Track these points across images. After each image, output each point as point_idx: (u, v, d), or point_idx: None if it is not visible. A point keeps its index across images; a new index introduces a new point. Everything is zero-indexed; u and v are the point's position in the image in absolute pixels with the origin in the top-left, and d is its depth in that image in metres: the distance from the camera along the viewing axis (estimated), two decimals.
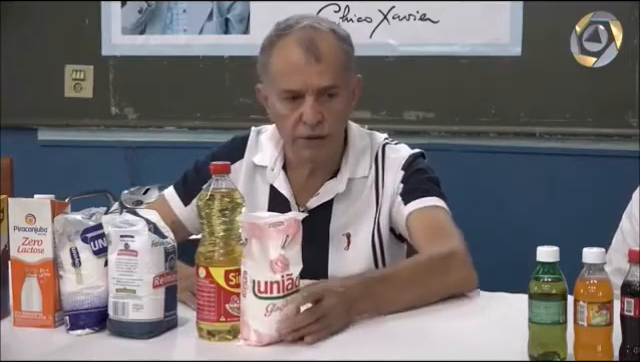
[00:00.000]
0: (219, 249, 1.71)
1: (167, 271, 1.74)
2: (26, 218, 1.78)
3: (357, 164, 2.19)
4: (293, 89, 2.08)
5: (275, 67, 2.12)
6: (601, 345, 1.55)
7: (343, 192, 2.18)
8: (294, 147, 2.15)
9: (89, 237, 1.76)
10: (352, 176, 2.19)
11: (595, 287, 1.55)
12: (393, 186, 2.18)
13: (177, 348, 1.73)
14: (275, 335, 1.67)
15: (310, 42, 2.07)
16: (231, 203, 1.73)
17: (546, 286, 1.56)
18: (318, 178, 2.20)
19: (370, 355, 1.64)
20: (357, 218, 2.18)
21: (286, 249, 1.67)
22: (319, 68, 2.06)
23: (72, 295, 1.76)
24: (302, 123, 2.08)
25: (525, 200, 3.31)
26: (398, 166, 2.19)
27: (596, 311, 1.54)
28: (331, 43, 2.10)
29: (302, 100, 2.07)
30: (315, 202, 2.19)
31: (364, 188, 2.19)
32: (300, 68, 2.07)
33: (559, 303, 1.56)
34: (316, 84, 2.06)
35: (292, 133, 2.11)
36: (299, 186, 2.21)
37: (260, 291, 1.66)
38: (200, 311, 1.73)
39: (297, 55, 2.07)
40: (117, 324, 1.73)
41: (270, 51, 2.13)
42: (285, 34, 2.11)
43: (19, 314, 1.80)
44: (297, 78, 2.07)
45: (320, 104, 2.07)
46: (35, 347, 1.70)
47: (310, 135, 2.09)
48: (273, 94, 2.14)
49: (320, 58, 2.07)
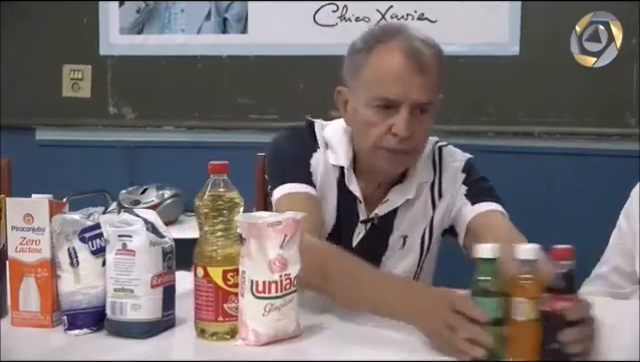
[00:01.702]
0: (217, 249, 1.71)
1: (165, 271, 1.74)
2: (24, 218, 1.77)
3: (423, 169, 2.18)
4: (390, 98, 2.00)
5: (371, 72, 2.04)
6: (534, 339, 1.57)
7: (412, 198, 2.17)
8: (375, 156, 2.08)
9: (87, 237, 1.76)
10: (420, 181, 2.18)
11: (530, 282, 1.57)
12: (453, 189, 2.18)
13: (175, 348, 1.73)
14: (273, 334, 1.67)
15: (417, 53, 2.00)
16: (229, 203, 1.73)
17: (487, 283, 1.58)
18: (384, 185, 2.17)
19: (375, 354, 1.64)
20: (414, 220, 2.19)
21: (284, 249, 1.68)
22: (422, 81, 2.00)
23: (70, 295, 1.75)
24: (391, 134, 2.02)
25: (524, 200, 3.31)
26: (457, 169, 2.20)
27: (532, 306, 1.55)
28: (434, 58, 2.04)
29: (394, 111, 2.01)
30: (385, 209, 2.16)
31: (424, 191, 2.19)
32: (402, 77, 2.00)
33: (499, 299, 1.57)
34: (415, 97, 2.00)
35: (377, 142, 2.04)
36: (367, 193, 2.17)
37: (258, 291, 1.66)
38: (198, 311, 1.72)
39: (400, 62, 2.00)
40: (115, 324, 1.73)
41: (367, 54, 2.05)
42: (388, 40, 2.03)
43: (17, 314, 1.79)
44: (397, 87, 2.00)
45: (413, 119, 2.01)
46: (33, 347, 1.70)
47: (397, 149, 2.04)
48: (361, 99, 2.06)
49: (425, 71, 2.00)
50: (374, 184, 2.17)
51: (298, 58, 3.37)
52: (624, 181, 2.47)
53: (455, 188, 2.18)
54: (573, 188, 3.33)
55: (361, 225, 2.16)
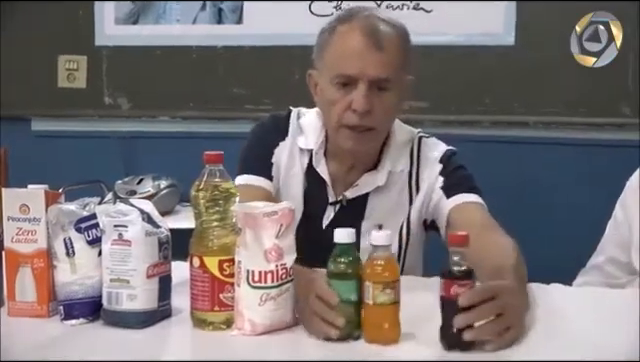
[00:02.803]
0: (213, 239, 1.72)
1: (161, 261, 1.74)
2: (20, 208, 1.77)
3: (398, 158, 2.20)
4: (348, 74, 2.06)
5: (332, 51, 2.10)
6: (388, 323, 1.61)
7: (383, 185, 2.18)
8: (338, 136, 2.13)
9: (83, 227, 1.76)
10: (392, 170, 2.19)
11: (381, 267, 1.60)
12: (430, 179, 2.19)
13: (171, 338, 1.73)
14: (268, 324, 1.67)
15: (373, 30, 2.06)
16: (225, 193, 1.73)
17: (342, 266, 1.61)
18: (357, 170, 2.20)
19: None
20: (390, 210, 2.19)
21: (280, 239, 1.68)
22: (378, 57, 2.05)
23: (66, 285, 1.75)
24: (351, 110, 2.06)
25: (518, 189, 3.32)
26: (435, 160, 2.21)
27: (381, 290, 1.59)
28: (394, 37, 2.09)
29: (354, 88, 2.05)
30: (354, 193, 2.19)
31: (400, 181, 2.20)
32: (359, 54, 2.05)
33: (353, 282, 1.61)
34: (372, 73, 2.04)
35: (339, 120, 2.09)
36: (337, 176, 2.21)
37: (254, 281, 1.66)
38: (194, 301, 1.73)
39: (358, 40, 2.05)
40: (111, 314, 1.73)
41: (330, 36, 2.12)
42: (348, 20, 2.10)
43: (13, 304, 1.80)
44: (354, 63, 2.05)
45: (372, 95, 2.05)
46: (29, 337, 1.70)
47: (357, 124, 2.07)
48: (326, 79, 2.12)
49: (381, 48, 2.05)
50: (345, 167, 2.20)
51: (293, 48, 3.37)
52: (620, 171, 2.47)
53: (432, 179, 2.19)
54: (568, 178, 3.33)
55: (330, 207, 2.19)
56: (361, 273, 1.61)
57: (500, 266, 1.82)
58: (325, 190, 2.19)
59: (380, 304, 1.60)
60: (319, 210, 2.18)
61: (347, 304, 1.61)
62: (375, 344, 1.61)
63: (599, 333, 1.73)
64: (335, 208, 2.19)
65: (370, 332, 1.63)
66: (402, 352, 1.60)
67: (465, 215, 2.10)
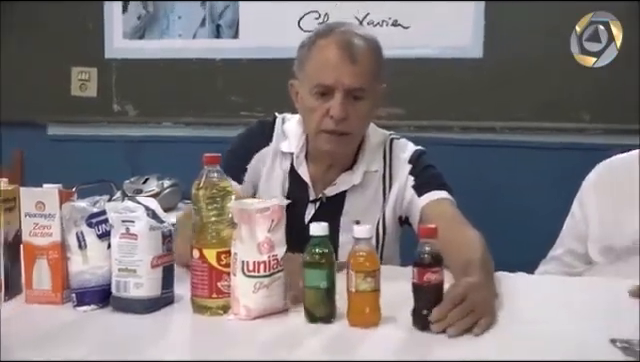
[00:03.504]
0: (211, 233, 1.72)
1: (164, 252, 1.75)
2: (36, 205, 1.77)
3: (372, 160, 2.20)
4: (325, 84, 2.07)
5: (312, 63, 2.11)
6: (369, 308, 1.62)
7: (358, 184, 2.18)
8: (317, 140, 2.14)
9: (94, 222, 1.76)
10: (367, 170, 2.19)
11: (363, 258, 1.61)
12: (401, 179, 2.19)
13: (174, 322, 1.73)
14: (262, 309, 1.67)
15: (348, 44, 2.07)
16: (222, 191, 1.73)
17: (316, 256, 1.63)
18: (335, 170, 2.20)
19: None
20: (367, 207, 2.19)
21: (272, 232, 1.68)
22: (352, 69, 2.06)
23: (78, 274, 1.75)
24: (328, 117, 2.07)
25: (486, 187, 3.33)
26: (405, 160, 2.21)
27: (363, 279, 1.60)
28: (366, 50, 2.09)
29: (331, 96, 2.07)
30: (332, 191, 2.19)
31: (374, 180, 2.20)
32: (335, 66, 2.06)
33: (325, 271, 1.62)
34: (348, 83, 2.05)
35: (318, 126, 2.10)
36: (317, 176, 2.21)
37: (249, 270, 1.66)
38: (194, 288, 1.73)
39: (334, 54, 2.06)
40: (119, 301, 1.73)
41: (309, 48, 2.12)
42: (326, 35, 2.11)
43: (31, 292, 1.80)
44: (330, 74, 2.06)
45: (347, 103, 2.06)
46: (45, 322, 1.70)
47: (334, 130, 2.08)
48: (306, 88, 2.12)
49: (355, 60, 2.06)
50: (323, 168, 2.20)
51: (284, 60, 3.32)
52: (577, 172, 2.48)
53: (402, 178, 2.19)
54: (530, 178, 3.34)
55: (311, 205, 2.19)
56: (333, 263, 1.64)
57: (468, 260, 1.82)
58: (306, 189, 2.19)
59: (362, 291, 1.61)
60: (301, 208, 2.18)
61: (318, 290, 1.63)
62: (358, 327, 1.62)
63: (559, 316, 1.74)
64: (316, 205, 2.19)
65: (353, 316, 1.63)
66: (382, 334, 1.60)
67: (436, 211, 2.10)
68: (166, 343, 1.64)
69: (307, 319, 1.66)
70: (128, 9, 3.70)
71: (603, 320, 1.70)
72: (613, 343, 1.52)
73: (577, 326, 1.67)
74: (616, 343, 1.52)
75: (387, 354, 1.52)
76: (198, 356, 1.56)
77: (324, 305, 1.65)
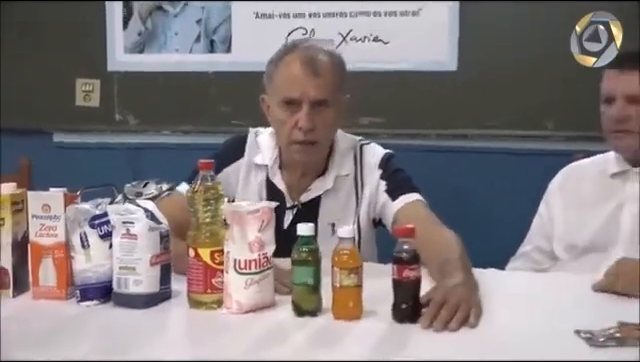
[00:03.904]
0: (206, 233, 1.71)
1: (162, 251, 1.74)
2: (42, 208, 1.77)
3: (342, 164, 2.19)
4: (292, 97, 2.06)
5: (279, 78, 2.10)
6: (352, 302, 1.62)
7: (331, 188, 2.17)
8: (289, 150, 2.13)
9: (96, 223, 1.75)
10: (338, 174, 2.18)
11: (346, 256, 1.61)
12: (371, 183, 2.18)
13: (171, 316, 1.72)
14: (253, 304, 1.67)
15: (311, 60, 2.07)
16: (215, 195, 1.73)
17: (303, 254, 1.63)
18: (308, 177, 2.19)
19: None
20: (341, 210, 2.18)
21: (262, 232, 1.68)
22: (316, 82, 2.05)
23: (82, 272, 1.75)
24: (297, 129, 2.07)
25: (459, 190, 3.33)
26: (375, 165, 2.20)
27: (346, 275, 1.60)
28: (328, 64, 2.09)
29: (299, 109, 2.06)
30: (307, 197, 2.18)
31: (346, 184, 2.19)
32: (300, 80, 2.06)
33: (312, 268, 1.62)
34: (312, 95, 2.05)
35: (288, 137, 2.10)
36: (292, 184, 2.19)
37: (240, 268, 1.66)
38: (190, 285, 1.73)
39: (298, 69, 2.06)
40: (120, 296, 1.73)
41: (277, 65, 2.12)
42: (290, 52, 2.11)
43: (37, 288, 1.79)
44: (297, 88, 2.06)
45: (314, 114, 2.06)
46: (51, 316, 1.69)
47: (303, 140, 2.08)
48: (275, 102, 2.12)
49: (318, 74, 2.06)
50: (297, 176, 2.19)
51: None
52: (544, 176, 2.49)
53: (373, 183, 2.18)
54: (501, 181, 3.34)
55: (288, 211, 2.17)
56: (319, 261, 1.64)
57: (447, 259, 1.82)
58: (282, 197, 2.16)
59: (346, 286, 1.61)
60: (279, 215, 2.14)
61: (305, 286, 1.64)
62: (342, 320, 1.62)
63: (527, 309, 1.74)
64: (293, 211, 2.18)
65: (338, 310, 1.63)
66: (364, 326, 1.60)
67: (411, 213, 2.09)
68: (164, 336, 1.64)
69: (295, 313, 1.66)
70: (129, 26, 3.69)
71: (568, 313, 1.70)
72: (577, 334, 1.52)
73: (544, 318, 1.67)
74: (580, 334, 1.52)
75: (369, 345, 1.51)
76: (194, 348, 1.56)
77: (311, 300, 1.65)
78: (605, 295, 1.82)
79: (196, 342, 1.59)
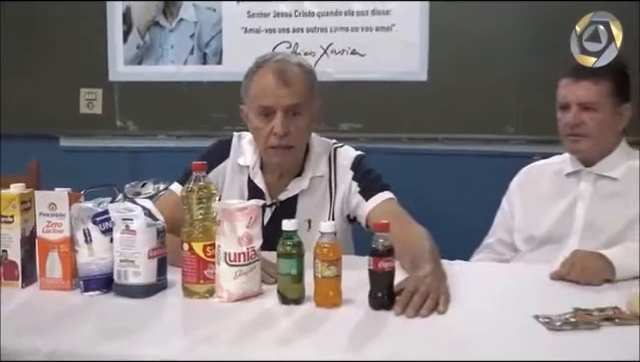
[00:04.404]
0: (199, 228, 1.71)
1: (159, 245, 1.73)
2: (49, 206, 1.76)
3: (317, 165, 2.18)
4: (266, 105, 2.05)
5: (254, 89, 2.09)
6: (332, 291, 1.62)
7: (306, 188, 2.16)
8: (266, 155, 2.12)
9: (98, 220, 1.74)
10: (313, 175, 2.17)
11: (327, 249, 1.61)
12: (344, 184, 2.16)
13: (167, 305, 1.71)
14: (241, 293, 1.66)
15: (281, 71, 2.06)
16: (207, 193, 1.72)
17: (288, 247, 1.63)
18: (286, 178, 2.17)
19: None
20: (316, 208, 2.16)
21: (250, 228, 1.68)
22: (286, 91, 2.05)
23: (85, 265, 1.74)
24: (273, 134, 2.06)
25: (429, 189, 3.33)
26: (347, 167, 2.18)
27: (327, 266, 1.60)
28: (297, 73, 2.08)
29: (273, 116, 2.05)
30: (285, 196, 2.16)
31: (321, 184, 2.18)
32: (272, 90, 2.05)
33: (295, 260, 1.62)
34: (284, 103, 2.04)
35: (265, 143, 2.08)
36: (271, 184, 2.18)
37: (230, 260, 1.66)
38: (184, 276, 1.72)
39: (270, 80, 2.05)
40: (120, 287, 1.72)
41: (251, 77, 2.11)
42: (263, 65, 2.10)
43: (44, 280, 1.78)
44: (270, 98, 2.05)
45: (287, 120, 2.05)
46: (57, 305, 1.68)
47: (278, 145, 2.07)
48: (252, 111, 2.10)
49: (288, 83, 2.05)
50: (276, 176, 2.17)
51: None
52: (506, 175, 2.50)
53: (346, 183, 2.16)
54: (467, 180, 3.34)
55: (268, 209, 2.15)
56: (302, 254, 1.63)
57: (417, 252, 1.83)
58: (263, 196, 2.15)
59: (326, 277, 1.61)
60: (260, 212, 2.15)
61: (289, 276, 1.63)
62: (323, 307, 1.62)
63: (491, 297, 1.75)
64: (272, 209, 2.16)
65: (319, 299, 1.63)
66: (343, 313, 1.60)
67: (383, 212, 2.06)
68: (161, 322, 1.63)
69: (280, 301, 1.66)
70: (128, 40, 3.67)
71: (527, 299, 1.71)
72: (536, 319, 1.53)
73: (506, 305, 1.68)
74: (539, 319, 1.53)
75: (348, 330, 1.51)
76: (188, 333, 1.55)
77: (294, 289, 1.65)
78: (561, 283, 1.82)
79: (190, 328, 1.59)
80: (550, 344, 1.43)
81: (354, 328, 1.52)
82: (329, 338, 1.48)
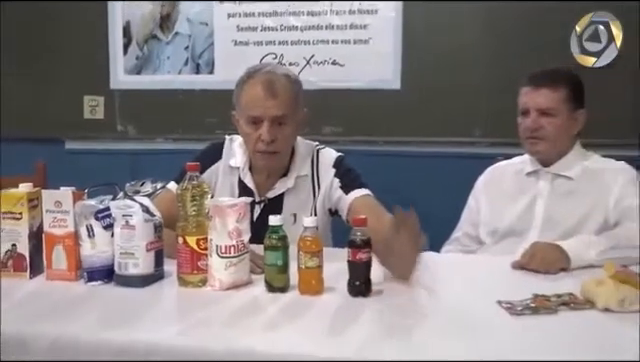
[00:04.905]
0: (192, 223, 1.70)
1: (156, 239, 1.73)
2: (55, 204, 1.74)
3: (301, 166, 2.17)
4: (255, 116, 2.04)
5: (244, 99, 2.07)
6: (314, 280, 1.62)
7: (292, 187, 2.16)
8: (254, 158, 2.12)
9: (100, 216, 1.73)
10: (298, 175, 2.16)
11: (309, 242, 1.61)
12: (326, 180, 2.16)
13: (164, 293, 1.70)
14: (232, 282, 1.66)
15: (269, 83, 2.04)
16: (200, 191, 1.71)
17: (273, 241, 1.63)
18: (273, 177, 2.16)
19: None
20: (300, 205, 2.15)
21: (239, 223, 1.67)
22: (274, 102, 2.03)
23: (88, 257, 1.73)
24: (260, 141, 2.04)
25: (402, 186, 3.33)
26: (329, 165, 2.17)
27: (309, 258, 1.60)
28: (284, 85, 2.06)
29: (261, 124, 2.04)
30: (272, 194, 2.16)
31: (306, 183, 2.17)
32: (261, 101, 2.03)
33: (280, 252, 1.62)
34: (272, 113, 2.03)
35: (253, 147, 2.08)
36: (260, 183, 2.17)
37: (222, 252, 1.65)
38: (179, 267, 1.71)
39: (259, 92, 2.03)
40: (121, 277, 1.71)
41: (242, 87, 2.09)
42: (252, 76, 2.08)
43: (50, 271, 1.76)
44: (258, 108, 2.03)
45: (274, 128, 2.04)
46: (62, 294, 1.67)
47: (265, 150, 2.06)
48: (242, 118, 2.09)
49: (275, 95, 2.03)
50: (264, 177, 2.16)
51: None
52: (472, 174, 2.51)
53: (328, 180, 2.15)
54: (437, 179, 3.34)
55: (257, 206, 2.14)
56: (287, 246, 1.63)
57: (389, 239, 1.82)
58: (252, 194, 2.14)
59: (309, 267, 1.61)
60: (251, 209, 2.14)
61: (275, 267, 1.63)
62: (306, 295, 1.62)
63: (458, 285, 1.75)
64: (261, 206, 2.15)
65: (303, 287, 1.63)
66: (325, 300, 1.60)
67: (361, 204, 2.07)
68: (158, 309, 1.62)
69: (267, 289, 1.65)
70: (128, 52, 3.64)
71: (491, 287, 1.71)
72: (499, 304, 1.53)
73: (472, 291, 1.68)
74: (501, 304, 1.53)
75: (329, 315, 1.51)
76: (183, 319, 1.54)
77: (280, 278, 1.64)
78: (522, 272, 1.83)
79: (185, 314, 1.58)
80: (512, 327, 1.43)
81: (334, 313, 1.52)
82: (312, 323, 1.47)
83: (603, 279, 1.54)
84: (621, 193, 2.16)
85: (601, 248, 1.87)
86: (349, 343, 1.34)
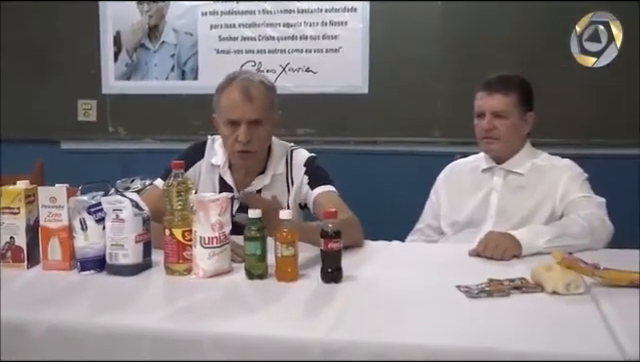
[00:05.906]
0: (178, 217, 1.68)
1: (144, 232, 1.71)
2: (50, 199, 1.72)
3: (277, 165, 2.15)
4: (233, 119, 2.03)
5: (223, 103, 2.06)
6: (290, 268, 1.61)
7: (268, 184, 2.14)
8: (232, 158, 2.10)
9: (92, 211, 1.71)
10: (274, 173, 2.15)
11: (285, 233, 1.60)
12: (298, 178, 2.15)
13: (152, 281, 1.68)
14: (214, 270, 1.65)
15: (246, 89, 2.02)
16: (185, 187, 1.70)
17: (253, 232, 1.62)
18: (251, 175, 2.14)
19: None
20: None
21: (221, 216, 1.66)
22: (250, 106, 2.02)
23: (81, 249, 1.70)
24: (238, 142, 2.03)
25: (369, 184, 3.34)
26: (301, 164, 2.16)
27: (286, 247, 1.59)
28: (260, 90, 2.05)
29: (239, 127, 2.02)
30: (250, 190, 2.14)
31: (281, 180, 2.16)
32: (238, 105, 2.02)
33: (259, 243, 1.61)
34: (248, 117, 2.01)
35: (231, 148, 2.06)
36: (239, 180, 2.15)
37: (205, 243, 1.64)
38: (166, 257, 1.70)
39: (236, 97, 2.02)
40: (112, 267, 1.69)
41: (221, 93, 2.07)
42: (231, 82, 2.06)
43: (46, 262, 1.74)
44: (236, 112, 2.02)
45: (250, 130, 2.02)
46: (58, 282, 1.64)
47: (242, 150, 2.04)
48: (221, 121, 2.07)
49: (251, 100, 2.02)
50: (242, 174, 2.15)
51: None
52: (433, 170, 2.51)
53: (300, 178, 2.15)
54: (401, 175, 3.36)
55: (236, 201, 2.10)
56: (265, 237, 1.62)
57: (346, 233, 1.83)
58: (232, 190, 2.12)
59: (285, 256, 1.60)
60: None
61: (254, 256, 1.62)
62: (283, 282, 1.61)
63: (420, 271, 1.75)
64: (239, 201, 2.15)
65: (279, 274, 1.62)
66: (300, 286, 1.59)
67: (323, 199, 2.06)
68: (147, 296, 1.60)
69: (247, 276, 1.64)
70: (118, 59, 3.61)
71: (451, 272, 1.71)
72: (458, 288, 1.54)
73: (433, 276, 1.68)
74: (460, 288, 1.54)
75: (304, 299, 1.51)
76: (170, 304, 1.52)
77: (259, 266, 1.63)
78: (478, 258, 1.84)
79: (171, 300, 1.56)
80: (469, 309, 1.44)
81: (309, 298, 1.52)
82: (288, 307, 1.47)
83: (551, 265, 1.55)
84: (566, 187, 2.19)
85: (549, 237, 1.89)
86: (322, 324, 1.33)
